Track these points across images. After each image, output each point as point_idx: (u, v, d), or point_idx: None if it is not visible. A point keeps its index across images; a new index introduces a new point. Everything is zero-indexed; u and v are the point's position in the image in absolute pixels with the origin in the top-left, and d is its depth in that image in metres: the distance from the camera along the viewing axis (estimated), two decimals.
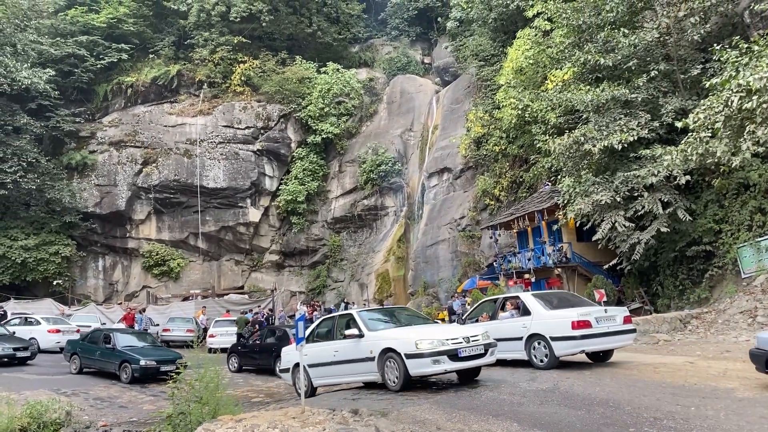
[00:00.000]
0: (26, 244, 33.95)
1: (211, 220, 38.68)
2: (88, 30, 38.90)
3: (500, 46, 32.05)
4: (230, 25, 39.68)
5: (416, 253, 33.78)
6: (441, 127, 37.04)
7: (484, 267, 29.57)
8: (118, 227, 38.57)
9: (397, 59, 44.00)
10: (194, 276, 38.49)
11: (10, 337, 21.50)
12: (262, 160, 38.93)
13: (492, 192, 30.04)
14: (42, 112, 36.75)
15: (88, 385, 17.22)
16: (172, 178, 37.47)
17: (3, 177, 32.85)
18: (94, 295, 37.60)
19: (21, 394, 14.42)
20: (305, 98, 39.12)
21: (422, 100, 39.96)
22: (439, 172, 35.01)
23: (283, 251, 39.84)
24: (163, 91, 39.95)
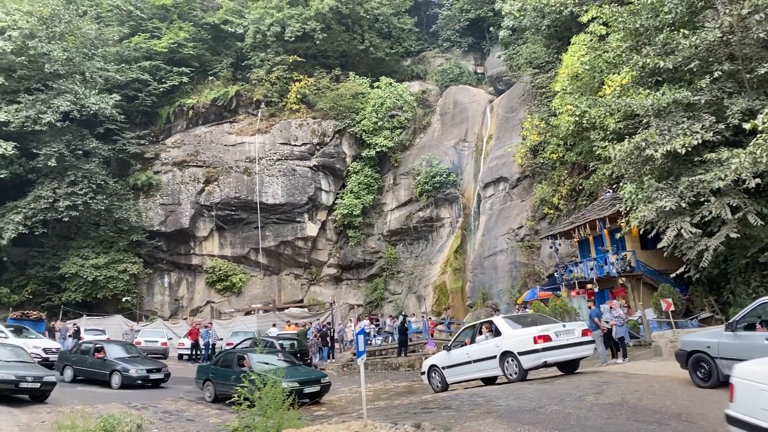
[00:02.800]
0: (96, 263, 35.43)
1: (271, 235, 39.45)
2: (150, 55, 40.61)
3: (554, 52, 31.61)
4: (285, 45, 40.62)
5: (474, 264, 33.47)
6: (496, 136, 36.75)
7: (544, 277, 29.03)
8: (182, 244, 39.82)
9: (450, 70, 43.99)
10: (256, 290, 39.27)
11: (144, 358, 21.40)
12: (319, 176, 39.53)
13: (551, 200, 29.53)
14: (109, 135, 38.45)
15: (156, 399, 17.76)
16: (233, 195, 38.48)
17: (75, 199, 34.45)
18: (161, 311, 38.85)
19: (95, 408, 14.99)
20: (359, 113, 39.57)
21: (476, 110, 39.76)
22: (494, 182, 34.68)
23: (340, 264, 40.22)
24: (222, 111, 41.19)
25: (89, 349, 20.87)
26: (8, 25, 34.51)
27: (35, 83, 36.03)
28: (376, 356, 26.80)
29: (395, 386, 19.98)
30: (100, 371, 19.75)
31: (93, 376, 19.98)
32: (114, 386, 19.11)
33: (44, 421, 14.01)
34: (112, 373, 19.32)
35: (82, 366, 20.40)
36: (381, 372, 24.47)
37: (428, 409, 11.98)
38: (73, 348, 22.40)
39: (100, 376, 19.67)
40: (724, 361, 10.05)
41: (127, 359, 19.95)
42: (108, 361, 19.67)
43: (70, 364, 20.75)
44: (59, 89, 35.16)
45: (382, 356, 27.11)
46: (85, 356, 20.57)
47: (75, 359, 20.82)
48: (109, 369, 19.45)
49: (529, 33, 34.24)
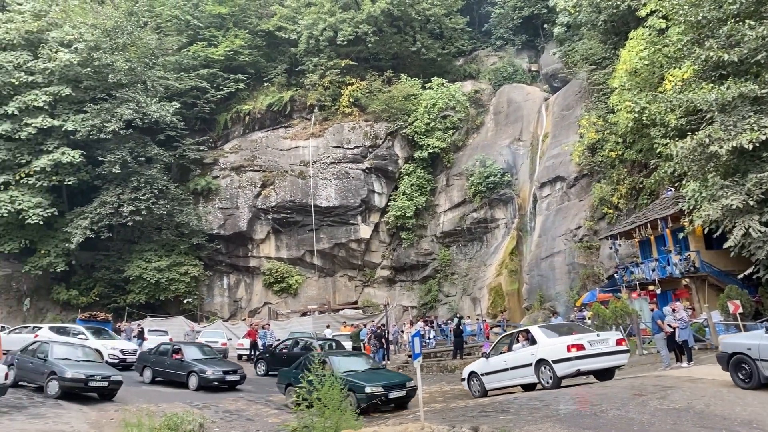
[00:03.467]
0: (159, 266, 36.62)
1: (325, 237, 39.91)
2: (208, 63, 41.76)
3: (612, 48, 30.84)
4: (338, 49, 41.04)
5: (530, 265, 32.97)
6: (551, 135, 36.10)
7: (604, 279, 28.33)
8: (240, 247, 40.73)
9: (503, 69, 43.48)
10: (311, 292, 39.79)
11: (220, 360, 21.32)
12: (371, 178, 39.74)
13: (610, 200, 28.80)
14: (170, 142, 39.73)
15: (217, 399, 18.19)
16: (288, 198, 39.12)
17: (138, 204, 35.73)
18: (221, 312, 39.84)
19: (159, 407, 15.49)
20: (411, 114, 39.57)
21: (530, 109, 39.16)
22: (551, 182, 34.07)
23: (393, 266, 40.29)
24: (277, 116, 41.97)
25: (167, 351, 21.00)
26: (75, 39, 36.06)
27: (100, 93, 37.56)
28: (431, 358, 26.74)
29: (451, 389, 19.88)
30: (177, 372, 19.85)
31: (171, 377, 20.12)
32: (191, 387, 19.20)
33: (112, 418, 14.55)
34: (189, 374, 19.40)
35: (161, 367, 20.53)
36: (436, 374, 24.39)
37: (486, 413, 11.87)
38: (152, 349, 22.61)
39: (178, 378, 19.77)
40: (764, 363, 10.31)
41: (204, 361, 19.97)
42: (185, 363, 19.76)
43: (149, 365, 20.94)
44: (122, 98, 36.54)
45: (438, 358, 27.02)
46: (164, 357, 20.70)
47: (154, 360, 20.99)
48: (187, 370, 19.51)
49: (585, 29, 33.50)
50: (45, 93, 35.48)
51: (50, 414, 14.88)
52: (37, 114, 35.20)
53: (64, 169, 35.34)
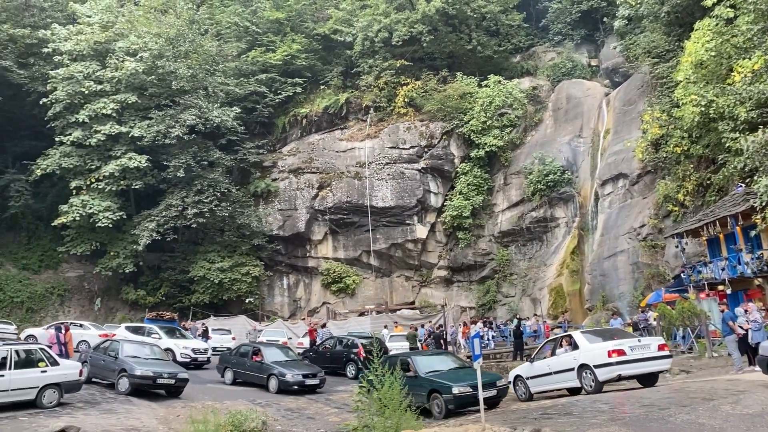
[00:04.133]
0: (222, 266, 37.62)
1: (381, 237, 40.06)
2: (266, 68, 42.64)
3: (675, 40, 29.75)
4: (392, 50, 41.14)
5: (592, 265, 32.17)
6: (613, 131, 35.12)
7: (669, 279, 27.36)
8: (299, 248, 41.39)
9: (562, 65, 42.58)
10: (368, 292, 40.02)
11: (299, 362, 20.90)
12: (427, 178, 39.65)
13: (675, 197, 27.78)
14: (231, 146, 40.77)
15: (278, 397, 18.53)
16: (345, 199, 39.48)
17: (201, 206, 36.82)
18: (281, 312, 40.58)
19: (223, 404, 15.90)
20: (467, 113, 39.24)
21: (591, 105, 38.22)
22: (613, 179, 33.15)
23: (451, 267, 40.04)
24: (333, 118, 42.44)
25: (248, 352, 20.78)
26: (140, 48, 37.47)
27: (164, 100, 38.91)
28: (490, 360, 26.46)
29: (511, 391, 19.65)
30: (257, 375, 19.66)
31: (251, 379, 19.95)
32: (271, 390, 18.91)
33: (179, 415, 15.04)
34: (269, 377, 19.14)
35: (241, 369, 20.39)
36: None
37: (548, 415, 11.66)
38: (233, 350, 22.58)
39: (258, 380, 19.57)
40: None
41: (283, 363, 19.67)
42: (265, 365, 19.53)
43: (230, 366, 20.85)
44: (185, 104, 37.73)
45: (497, 360, 26.73)
46: (244, 359, 20.50)
47: (234, 362, 20.85)
48: (266, 373, 19.27)
49: (647, 21, 32.43)
50: (113, 101, 37.03)
51: (121, 410, 15.50)
52: (105, 121, 36.76)
53: (131, 174, 36.79)
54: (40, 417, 13.87)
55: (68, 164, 36.81)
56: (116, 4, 41.32)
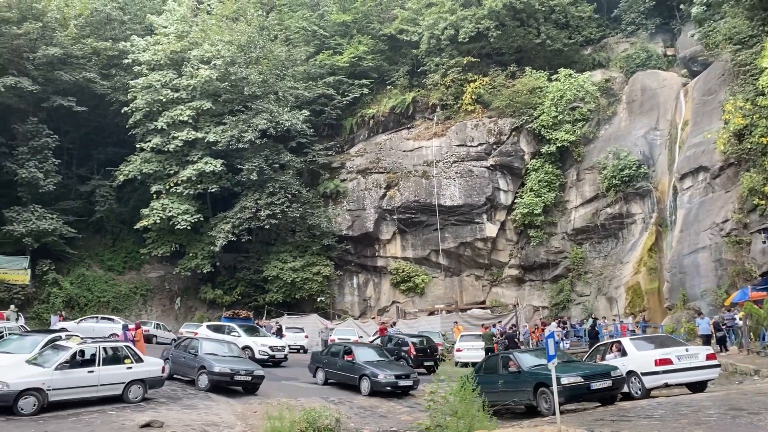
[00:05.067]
0: (294, 266, 38.41)
1: (450, 236, 39.82)
2: (334, 71, 43.23)
3: (759, 25, 28.11)
4: (459, 47, 40.81)
5: (671, 263, 30.86)
6: (692, 122, 33.54)
7: (756, 276, 25.88)
8: (367, 247, 41.72)
9: (635, 55, 41.01)
10: (438, 291, 39.87)
11: (391, 362, 20.35)
12: (496, 175, 39.10)
13: (761, 190, 26.23)
14: (300, 149, 41.57)
15: (350, 395, 18.73)
16: (413, 199, 39.48)
17: (273, 208, 37.73)
18: (351, 311, 41.04)
19: (297, 401, 16.22)
20: (537, 108, 38.43)
21: (667, 96, 36.64)
22: (693, 172, 31.66)
23: (522, 265, 39.33)
24: (400, 118, 42.53)
25: (339, 351, 20.44)
26: (213, 55, 38.78)
27: (237, 105, 40.11)
28: None
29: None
30: (349, 375, 19.36)
31: (343, 380, 19.72)
32: (363, 392, 18.52)
33: (256, 411, 15.44)
34: (361, 378, 18.75)
35: (332, 369, 20.15)
36: None
37: (626, 418, 11.29)
38: (324, 349, 22.59)
39: (350, 381, 19.29)
40: None
41: (376, 363, 19.23)
42: (357, 365, 19.14)
43: (321, 366, 20.65)
44: (257, 109, 38.76)
45: None
46: (335, 359, 20.18)
47: (326, 361, 20.61)
48: (358, 374, 18.88)
49: (728, 6, 30.76)
50: (189, 108, 38.51)
51: (201, 405, 16.07)
52: (182, 127, 38.27)
53: (207, 178, 38.11)
54: (127, 411, 14.57)
55: (149, 170, 38.56)
56: (190, 14, 42.88)
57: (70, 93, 40.09)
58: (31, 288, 37.61)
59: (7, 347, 16.89)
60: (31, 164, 37.94)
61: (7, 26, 37.52)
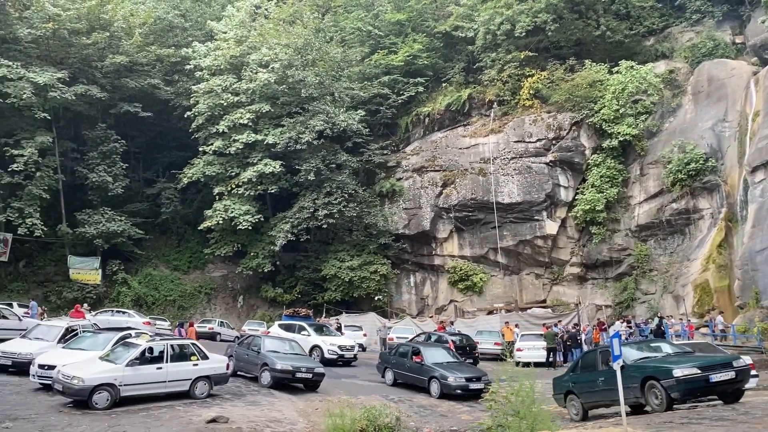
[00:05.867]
0: (351, 265, 38.78)
1: (509, 234, 39.28)
2: (389, 70, 43.36)
3: None
4: (516, 42, 40.23)
5: (743, 259, 29.49)
6: (763, 112, 31.91)
7: None
8: (424, 246, 41.65)
9: (701, 45, 39.38)
10: (496, 290, 39.41)
11: (461, 364, 19.90)
12: (556, 171, 38.33)
13: None
14: (356, 148, 41.93)
15: (410, 394, 18.75)
16: (470, 196, 39.16)
17: (331, 208, 38.19)
18: (408, 309, 41.08)
19: (357, 398, 16.36)
20: (597, 102, 37.46)
21: (736, 85, 35.01)
22: (765, 165, 30.11)
23: (584, 263, 38.42)
24: (456, 115, 42.26)
25: (407, 352, 20.16)
26: (271, 59, 39.55)
27: (294, 107, 40.78)
28: None
29: None
30: (418, 377, 19.07)
31: (411, 381, 19.39)
32: (433, 394, 18.18)
33: (317, 408, 15.66)
34: (431, 380, 18.42)
35: (401, 369, 19.93)
36: None
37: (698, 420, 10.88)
38: (392, 350, 22.16)
39: (419, 382, 18.98)
40: None
41: (445, 365, 18.88)
42: (426, 367, 18.84)
43: (390, 366, 20.49)
44: (314, 111, 39.30)
45: None
46: (404, 359, 19.93)
47: (394, 362, 20.39)
48: (427, 375, 18.56)
49: None
50: (248, 111, 39.40)
51: (264, 402, 16.42)
52: (242, 130, 39.19)
53: (267, 179, 38.92)
54: (193, 407, 15.03)
55: (211, 172, 39.69)
56: (249, 19, 43.84)
57: (136, 99, 41.75)
58: (102, 287, 39.37)
59: (82, 344, 17.69)
60: (101, 169, 39.74)
61: (77, 37, 39.34)
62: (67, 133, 41.67)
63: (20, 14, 38.08)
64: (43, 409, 14.01)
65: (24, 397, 15.23)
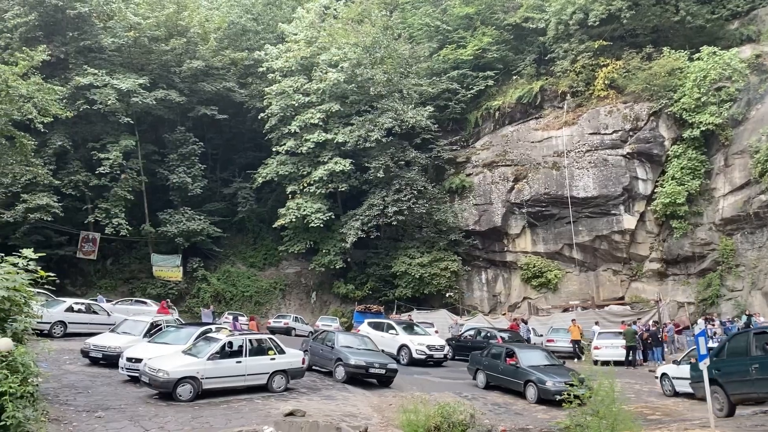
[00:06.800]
0: (421, 261, 38.75)
1: (584, 229, 38.19)
2: (457, 65, 42.99)
3: None
4: (589, 31, 39.01)
5: None
6: None
7: None
8: (496, 242, 41.10)
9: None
10: (572, 287, 38.41)
11: (560, 367, 18.80)
12: (633, 164, 36.93)
13: None
14: (425, 145, 41.82)
15: (484, 392, 18.57)
16: (543, 191, 38.33)
17: (400, 205, 38.29)
18: (480, 306, 40.65)
19: (430, 395, 16.33)
20: (677, 91, 35.79)
21: None
22: None
23: (664, 259, 36.86)
24: (527, 108, 41.42)
25: (500, 353, 19.40)
26: (340, 59, 40.04)
27: (363, 106, 41.11)
28: None
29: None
30: (513, 380, 18.21)
31: (505, 384, 18.60)
32: (530, 399, 17.28)
33: (391, 404, 15.77)
34: (527, 384, 17.49)
35: (494, 372, 19.16)
36: None
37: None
38: (484, 350, 21.37)
39: (514, 386, 18.13)
40: None
41: (542, 368, 18.00)
42: (521, 370, 18.00)
43: (482, 368, 19.73)
44: (382, 108, 39.49)
45: None
46: (497, 361, 19.19)
47: (486, 363, 19.64)
48: (523, 379, 17.66)
49: None
50: (319, 110, 40.08)
51: (339, 396, 16.68)
52: (313, 130, 39.91)
53: (337, 177, 39.47)
54: (271, 400, 15.45)
55: (284, 171, 40.65)
56: (318, 19, 44.54)
57: (212, 102, 43.25)
58: (183, 284, 41.09)
59: (165, 338, 18.52)
60: (181, 170, 41.47)
61: (156, 44, 41.15)
62: (149, 137, 43.62)
63: (104, 24, 40.18)
64: (132, 400, 14.74)
65: (114, 388, 16.08)
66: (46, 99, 30.68)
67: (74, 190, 37.87)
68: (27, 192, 34.78)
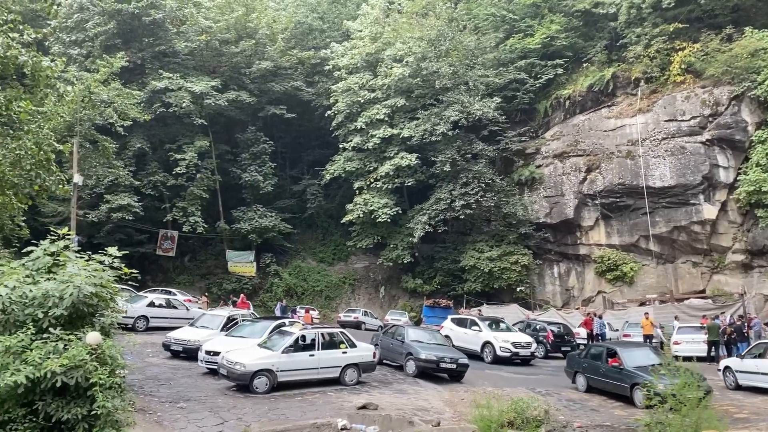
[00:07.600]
0: (490, 255, 38.30)
1: (661, 220, 36.71)
2: (525, 54, 42.11)
3: None
4: (663, 14, 37.39)
5: None
6: None
7: None
8: (568, 235, 40.10)
9: None
10: (649, 280, 37.02)
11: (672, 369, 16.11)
12: (713, 151, 35.16)
13: None
14: (492, 137, 41.23)
15: (558, 387, 18.20)
16: (616, 181, 37.09)
17: (467, 198, 37.96)
18: (553, 301, 39.80)
19: (503, 390, 16.16)
20: (761, 73, 33.77)
21: None
22: None
23: (749, 250, 34.92)
24: (599, 96, 40.15)
25: (601, 354, 17.82)
26: (405, 53, 40.02)
27: (428, 99, 40.99)
28: None
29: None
30: (617, 383, 16.48)
31: (608, 388, 16.92)
32: (638, 404, 14.86)
33: (463, 399, 15.70)
34: (633, 387, 15.63)
35: (594, 374, 17.54)
36: None
37: None
38: (582, 350, 20.10)
39: (619, 390, 16.40)
40: None
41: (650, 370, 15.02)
42: (626, 372, 16.14)
43: (581, 371, 18.25)
44: (448, 101, 39.22)
45: None
46: (597, 362, 17.58)
47: (586, 365, 18.12)
48: (629, 382, 15.86)
49: None
50: (384, 106, 40.28)
51: (410, 390, 16.74)
52: (379, 126, 40.13)
53: (403, 172, 39.56)
54: (344, 393, 15.68)
55: (351, 167, 41.14)
56: (382, 15, 44.69)
57: (281, 102, 44.25)
58: (256, 279, 42.30)
59: (242, 332, 19.10)
60: (252, 168, 42.67)
61: (227, 46, 42.44)
62: (222, 137, 45.06)
63: (177, 29, 41.76)
64: (211, 392, 15.29)
65: (194, 380, 16.72)
66: (125, 103, 32.39)
67: (153, 190, 39.60)
68: (110, 193, 36.67)
